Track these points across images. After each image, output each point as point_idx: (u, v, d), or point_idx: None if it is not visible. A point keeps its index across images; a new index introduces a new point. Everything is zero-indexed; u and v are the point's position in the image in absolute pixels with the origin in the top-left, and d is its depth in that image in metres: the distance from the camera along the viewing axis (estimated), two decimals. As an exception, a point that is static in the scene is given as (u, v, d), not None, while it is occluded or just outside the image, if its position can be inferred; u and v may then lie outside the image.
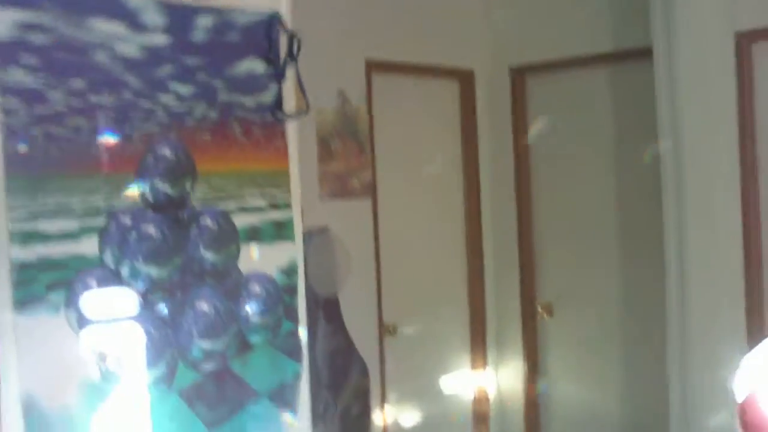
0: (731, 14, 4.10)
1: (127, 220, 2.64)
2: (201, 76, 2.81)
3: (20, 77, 2.42)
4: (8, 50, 2.40)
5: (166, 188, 2.72)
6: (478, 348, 5.26)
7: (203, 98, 2.82)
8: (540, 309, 5.16)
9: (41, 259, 2.45)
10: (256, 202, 2.96)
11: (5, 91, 2.40)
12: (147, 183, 2.69)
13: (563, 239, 5.14)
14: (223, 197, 2.87)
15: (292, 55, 3.03)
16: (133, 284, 2.63)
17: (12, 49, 2.41)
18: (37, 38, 2.45)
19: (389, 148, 4.75)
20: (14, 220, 2.41)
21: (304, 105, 3.13)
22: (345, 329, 4.39)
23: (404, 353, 4.81)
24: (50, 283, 2.47)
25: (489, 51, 5.27)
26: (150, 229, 2.68)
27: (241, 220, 2.90)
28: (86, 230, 2.55)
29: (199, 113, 2.81)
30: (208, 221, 2.82)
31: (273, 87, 3.01)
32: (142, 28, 2.67)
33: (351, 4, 4.56)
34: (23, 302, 2.41)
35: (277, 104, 3.03)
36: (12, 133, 2.41)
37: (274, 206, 3.01)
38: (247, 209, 2.93)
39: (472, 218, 5.24)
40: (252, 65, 2.95)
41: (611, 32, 4.79)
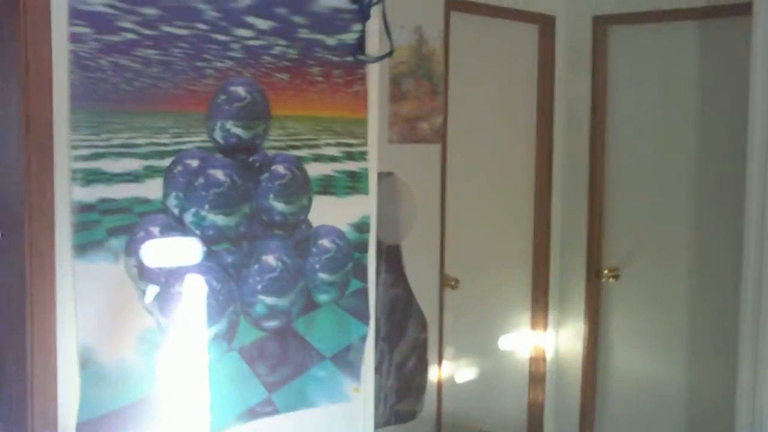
0: None
1: (195, 164, 2.48)
2: (281, 11, 2.61)
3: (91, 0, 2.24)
4: (80, -27, 2.21)
5: (238, 131, 2.55)
6: (539, 307, 5.10)
7: (282, 35, 2.62)
8: (606, 272, 4.97)
9: (103, 201, 2.29)
10: (331, 151, 2.77)
11: (74, 15, 2.21)
12: (218, 124, 2.50)
13: (635, 201, 4.93)
14: (298, 144, 2.68)
15: (379, -6, 2.83)
16: (197, 233, 2.47)
17: (84, -28, 2.22)
18: (112, -39, 2.26)
19: (463, 92, 4.53)
20: (77, 158, 2.24)
21: (388, 47, 2.92)
22: (406, 279, 4.23)
23: (464, 308, 4.65)
24: (111, 228, 2.31)
25: (572, -4, 5.03)
26: (218, 174, 2.51)
27: (315, 170, 2.72)
28: (151, 172, 2.39)
29: (278, 51, 2.62)
30: (281, 169, 2.64)
31: (356, 26, 2.80)
32: (223, -44, 2.47)
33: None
34: (83, 247, 2.25)
35: (360, 45, 2.83)
36: (79, 62, 2.23)
37: (350, 156, 2.82)
38: (322, 158, 2.74)
39: (543, 173, 5.04)
40: (336, 2, 2.75)
41: (706, -16, 4.55)
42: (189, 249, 2.47)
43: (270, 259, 2.60)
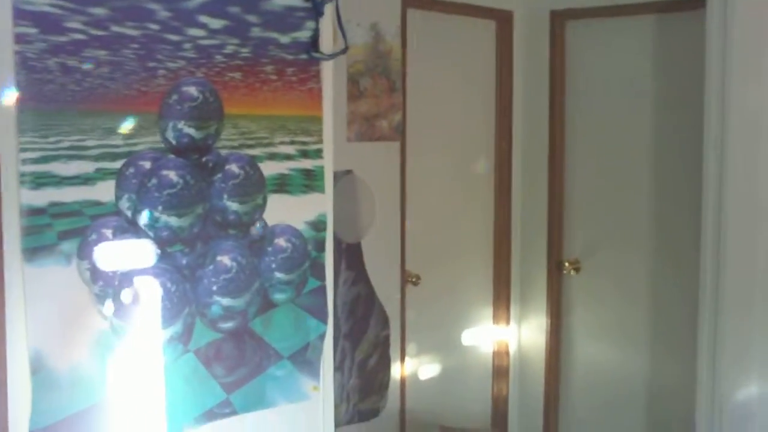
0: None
1: (147, 165, 2.45)
2: (234, 10, 2.59)
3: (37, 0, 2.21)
4: (25, -27, 2.18)
5: (191, 131, 2.52)
6: (502, 302, 5.10)
7: (235, 33, 2.60)
8: (567, 264, 4.99)
9: (53, 205, 2.27)
10: (286, 150, 2.75)
11: (20, 15, 2.18)
12: (170, 124, 2.48)
13: (595, 194, 4.95)
14: (251, 143, 2.66)
15: (332, -9, 2.81)
16: (151, 234, 2.45)
17: (29, -28, 2.19)
18: (57, -39, 2.23)
19: (422, 89, 4.53)
20: (25, 161, 2.21)
21: (342, 44, 2.91)
22: (367, 277, 4.22)
23: (426, 304, 4.64)
24: (62, 231, 2.28)
25: (529, -9, 5.04)
26: (171, 175, 2.49)
27: (269, 168, 2.70)
28: (103, 174, 2.36)
29: (230, 50, 2.60)
30: (234, 168, 2.62)
31: (310, 24, 2.78)
32: (173, -45, 2.45)
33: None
34: (33, 251, 2.23)
35: (314, 43, 2.81)
36: (25, 64, 2.20)
37: (305, 154, 2.80)
38: (276, 156, 2.72)
39: (503, 168, 5.04)
40: (289, 0, 2.72)
41: (660, -22, 4.57)
42: (142, 251, 2.44)
43: (225, 260, 2.58)
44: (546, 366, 5.11)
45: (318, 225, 2.83)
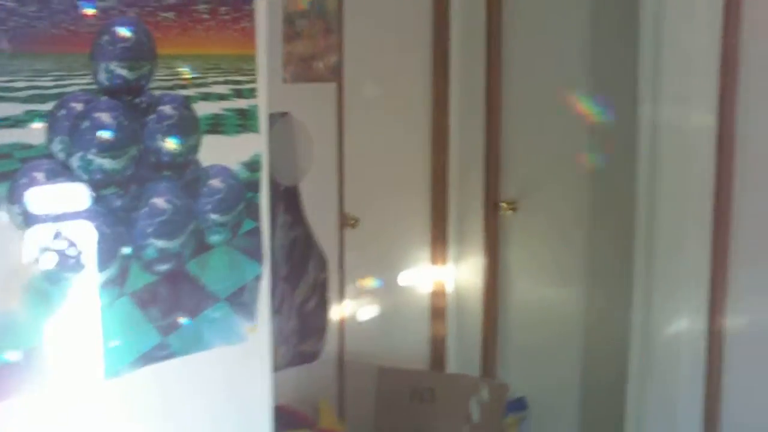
0: None
1: (79, 107, 2.41)
2: (164, -53, 2.54)
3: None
4: None
5: (124, 72, 2.48)
6: (439, 243, 5.12)
7: (166, -29, 2.55)
8: (504, 204, 5.01)
9: (-19, 147, 2.22)
10: (220, 89, 2.72)
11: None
12: (102, 65, 2.44)
13: (532, 134, 4.95)
14: (185, 83, 2.63)
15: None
16: (84, 177, 2.41)
17: None
18: None
19: (358, 29, 4.49)
20: (-49, 103, 2.16)
21: (276, -17, 2.88)
22: (305, 220, 4.21)
23: (365, 246, 4.64)
24: (-9, 174, 2.24)
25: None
26: (104, 117, 2.45)
27: (203, 109, 2.68)
28: (33, 116, 2.32)
29: (161, -11, 2.55)
30: (168, 109, 2.59)
31: (243, -38, 2.74)
32: None
33: None
34: (-40, 195, 2.18)
35: (246, -18, 2.77)
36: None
37: (239, 94, 2.78)
38: (210, 97, 2.70)
39: (439, 108, 5.03)
40: (220, -65, 2.68)
41: None
42: (76, 194, 2.41)
43: (159, 202, 2.56)
44: (483, 305, 5.15)
45: (253, 165, 2.81)
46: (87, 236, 2.42)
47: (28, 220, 2.30)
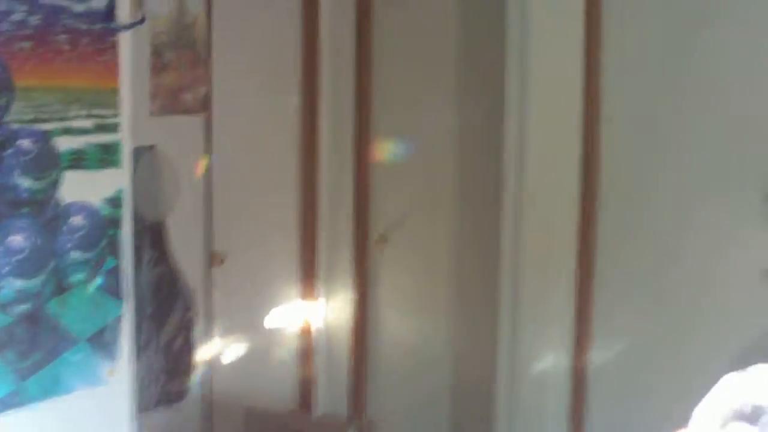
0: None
1: (-71, 140, 2.29)
2: (21, -26, 2.45)
3: None
4: None
5: (-23, 104, 2.37)
6: (308, 279, 5.05)
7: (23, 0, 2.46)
8: (374, 239, 4.99)
9: None
10: (81, 124, 2.63)
11: None
12: (-46, 96, 2.33)
13: (400, 167, 4.97)
14: (44, 117, 2.53)
15: (128, -42, 2.70)
16: (-66, 213, 2.30)
17: None
18: None
19: (228, 61, 4.42)
20: None
21: (140, 14, 2.81)
22: (171, 257, 4.11)
23: (233, 284, 4.55)
24: None
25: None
26: (-44, 151, 2.34)
27: (64, 144, 2.58)
28: None
29: (18, 17, 2.45)
30: (27, 143, 2.49)
31: (105, -8, 2.67)
32: None
33: None
34: None
35: (109, 12, 2.69)
36: None
37: (101, 128, 2.69)
38: (72, 131, 2.60)
39: (308, 143, 4.98)
40: (82, -34, 2.60)
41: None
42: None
43: (17, 239, 2.45)
44: (352, 341, 5.11)
45: (115, 201, 2.73)
46: (-63, 276, 2.30)
47: None
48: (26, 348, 2.50)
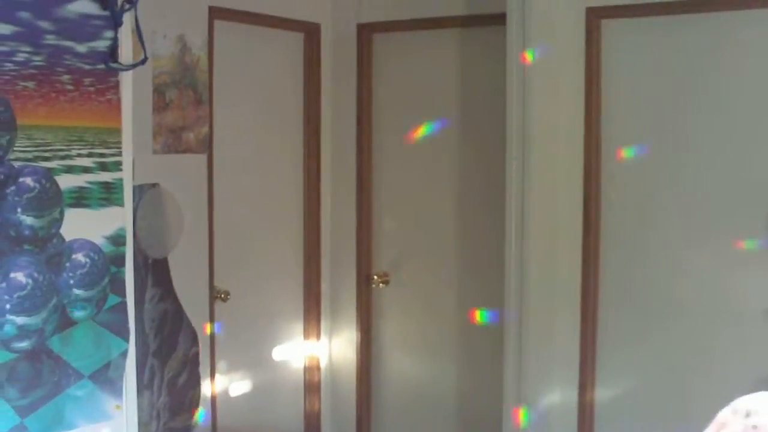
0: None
1: (-68, 178, 2.32)
2: (24, 15, 2.48)
3: None
4: None
5: (-20, 142, 2.40)
6: (312, 316, 5.08)
7: (27, 40, 2.50)
8: (376, 278, 5.01)
9: None
10: (84, 162, 2.66)
11: None
12: (-43, 136, 2.36)
13: (403, 206, 5.01)
14: (47, 155, 2.56)
15: (131, -1, 2.74)
16: (-62, 251, 2.32)
17: None
18: None
19: (229, 102, 4.48)
20: None
21: (142, 55, 2.84)
22: (174, 294, 4.14)
23: (236, 320, 4.58)
24: None
25: (336, 5, 5.04)
26: (-41, 189, 2.36)
27: (66, 182, 2.61)
28: None
29: (22, 57, 2.49)
30: (29, 181, 2.51)
31: (108, 33, 2.70)
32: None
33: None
34: None
35: (112, 53, 2.73)
36: None
37: (104, 167, 2.72)
38: (74, 169, 2.63)
39: (311, 181, 5.03)
40: (84, 7, 2.64)
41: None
42: (-72, 269, 2.31)
43: (19, 276, 2.47)
44: (357, 379, 5.12)
45: (117, 239, 2.75)
46: (-60, 313, 2.31)
47: None
48: (28, 384, 2.51)
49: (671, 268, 3.99)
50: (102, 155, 2.71)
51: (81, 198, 2.64)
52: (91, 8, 2.66)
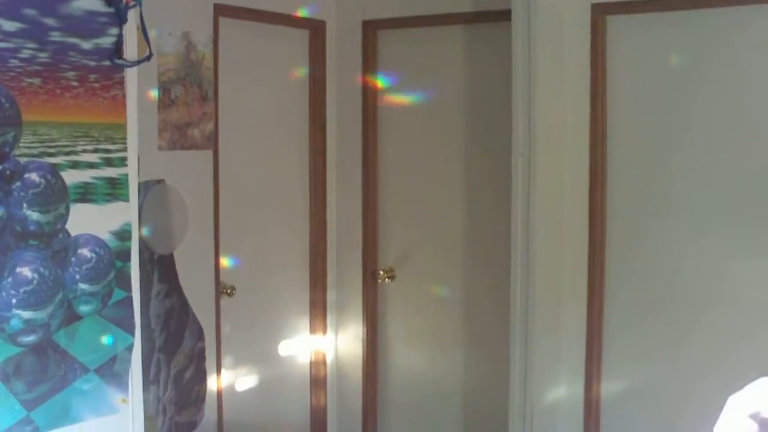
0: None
1: (-61, 173, 2.35)
2: (30, 12, 2.51)
3: None
4: None
5: (-15, 138, 2.42)
6: (318, 311, 5.10)
7: (32, 37, 2.52)
8: (382, 273, 5.03)
9: None
10: (89, 158, 2.68)
11: None
12: (-37, 131, 2.38)
13: (408, 203, 5.03)
14: (52, 151, 2.58)
15: (136, -5, 2.76)
16: (-56, 246, 2.34)
17: None
18: None
19: (235, 98, 4.50)
20: None
21: (147, 51, 2.86)
22: (180, 289, 4.16)
23: (242, 315, 4.60)
24: None
25: (342, 2, 5.05)
26: (-35, 184, 2.39)
27: (72, 177, 2.63)
28: None
29: (27, 54, 2.51)
30: (34, 177, 2.53)
31: (113, 30, 2.72)
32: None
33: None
34: None
35: (117, 49, 2.75)
36: None
37: (109, 162, 2.74)
38: (79, 165, 2.65)
39: (317, 176, 5.05)
40: (90, 4, 2.66)
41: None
42: (-65, 263, 2.34)
43: (25, 271, 2.49)
44: (363, 373, 5.14)
45: (123, 234, 2.77)
46: (-53, 307, 2.34)
47: None
48: (35, 378, 2.53)
49: (678, 262, 4.00)
50: (107, 151, 2.73)
51: (86, 193, 2.67)
52: (97, 5, 2.68)
